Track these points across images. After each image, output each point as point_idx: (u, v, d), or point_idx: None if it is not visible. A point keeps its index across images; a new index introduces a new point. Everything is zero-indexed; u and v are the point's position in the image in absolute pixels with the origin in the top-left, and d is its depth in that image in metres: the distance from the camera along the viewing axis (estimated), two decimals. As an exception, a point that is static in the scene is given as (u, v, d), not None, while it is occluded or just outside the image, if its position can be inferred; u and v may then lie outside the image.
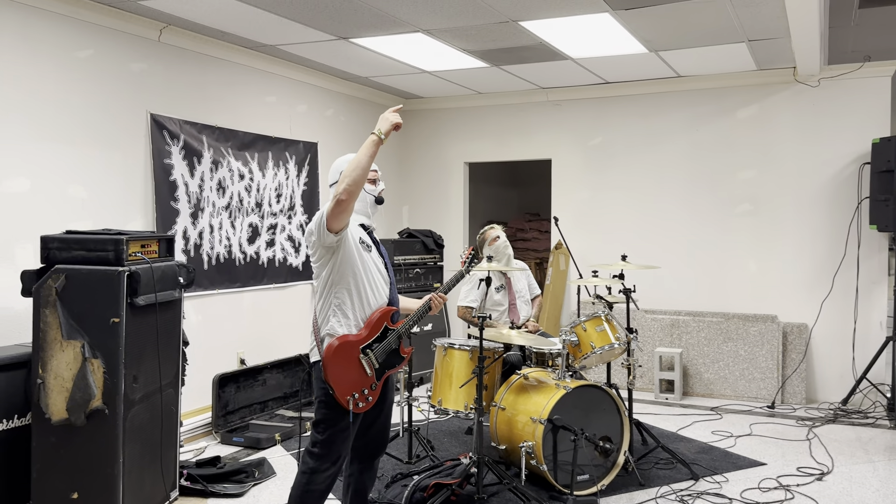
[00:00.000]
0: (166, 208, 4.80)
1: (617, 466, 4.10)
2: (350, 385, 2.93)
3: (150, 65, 4.75)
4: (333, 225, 2.84)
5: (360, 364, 2.97)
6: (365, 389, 2.98)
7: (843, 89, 6.05)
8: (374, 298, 3.04)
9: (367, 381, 2.99)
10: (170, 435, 3.71)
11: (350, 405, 2.91)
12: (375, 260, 3.09)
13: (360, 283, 2.99)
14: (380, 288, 3.08)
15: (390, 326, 3.08)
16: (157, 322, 3.50)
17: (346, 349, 2.94)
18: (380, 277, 3.09)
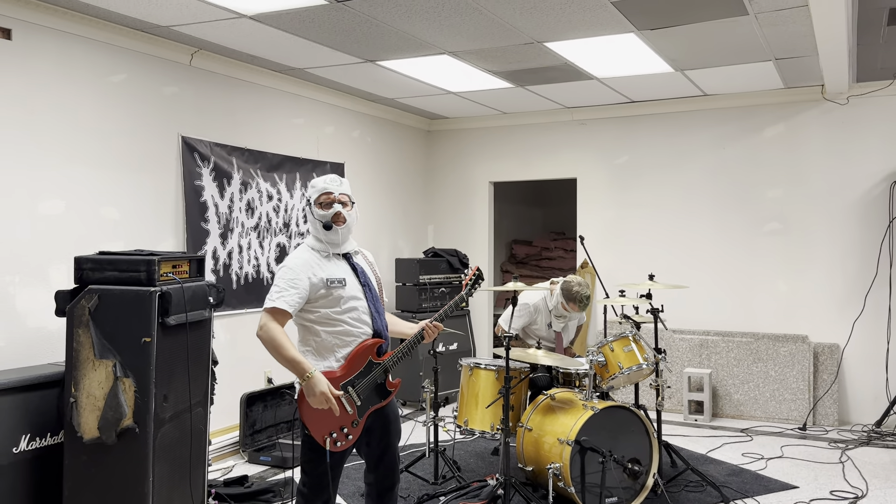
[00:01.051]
0: (196, 229, 4.88)
1: (646, 489, 4.05)
2: (327, 424, 2.83)
3: (182, 88, 4.85)
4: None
5: (338, 402, 2.84)
6: (344, 428, 2.86)
7: (872, 107, 5.99)
8: (353, 335, 2.93)
9: (347, 418, 2.88)
10: (198, 454, 3.73)
11: (327, 445, 2.81)
12: (352, 292, 2.96)
13: (333, 322, 2.90)
14: (360, 321, 2.96)
15: (375, 360, 2.96)
16: (188, 341, 3.54)
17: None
18: (360, 311, 2.96)
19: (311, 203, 3.00)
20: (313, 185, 3.04)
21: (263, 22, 4.27)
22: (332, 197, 3.00)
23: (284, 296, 2.84)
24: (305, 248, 3.00)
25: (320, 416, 2.83)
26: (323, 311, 2.91)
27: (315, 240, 3.02)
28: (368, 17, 4.19)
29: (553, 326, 4.88)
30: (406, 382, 6.54)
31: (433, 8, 4.03)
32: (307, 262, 2.92)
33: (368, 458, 3.09)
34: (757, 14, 4.17)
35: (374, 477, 3.10)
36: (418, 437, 5.36)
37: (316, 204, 2.99)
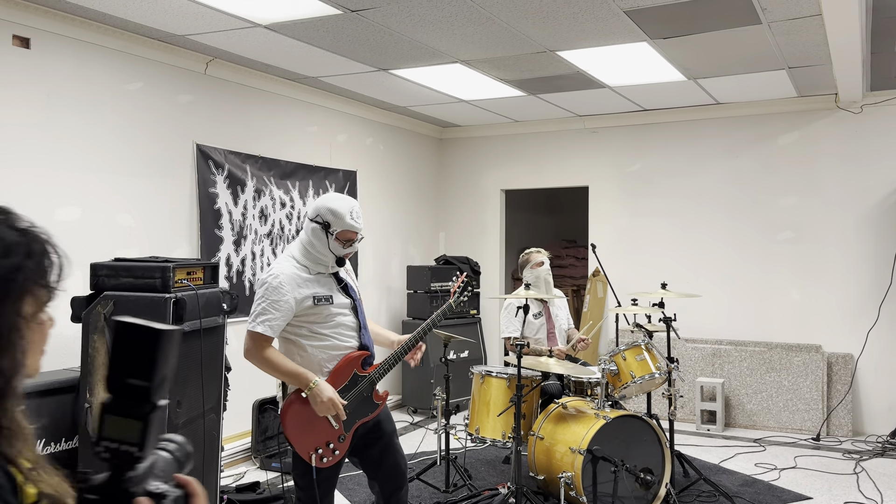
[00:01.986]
0: (210, 236, 4.91)
1: (658, 499, 4.03)
2: (312, 440, 2.79)
3: (197, 96, 4.90)
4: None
5: (323, 418, 2.79)
6: (331, 443, 2.81)
7: (886, 115, 5.96)
8: (340, 349, 2.89)
9: (333, 433, 2.82)
10: (211, 460, 3.75)
11: (313, 461, 2.76)
12: (339, 308, 2.90)
13: (320, 337, 2.87)
14: (346, 338, 2.92)
15: (360, 373, 2.91)
16: (202, 348, 3.56)
17: (303, 404, 2.79)
18: (346, 327, 2.92)
19: (328, 231, 2.81)
20: (335, 214, 2.81)
21: (278, 31, 4.31)
22: (356, 237, 2.90)
23: (267, 320, 2.79)
24: (291, 263, 2.86)
25: (304, 432, 2.78)
26: (309, 327, 2.86)
27: (305, 256, 2.88)
28: (382, 27, 4.22)
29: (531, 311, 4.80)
30: (417, 390, 6.55)
31: (446, 17, 4.06)
32: (292, 279, 2.81)
33: (368, 467, 3.03)
34: (770, 23, 4.17)
35: (379, 483, 3.03)
36: (430, 444, 5.36)
37: (335, 237, 2.82)
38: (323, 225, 2.83)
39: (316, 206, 2.89)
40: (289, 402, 2.83)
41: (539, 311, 4.92)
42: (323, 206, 2.87)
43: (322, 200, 2.90)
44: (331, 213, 2.83)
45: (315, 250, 2.87)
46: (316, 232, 2.85)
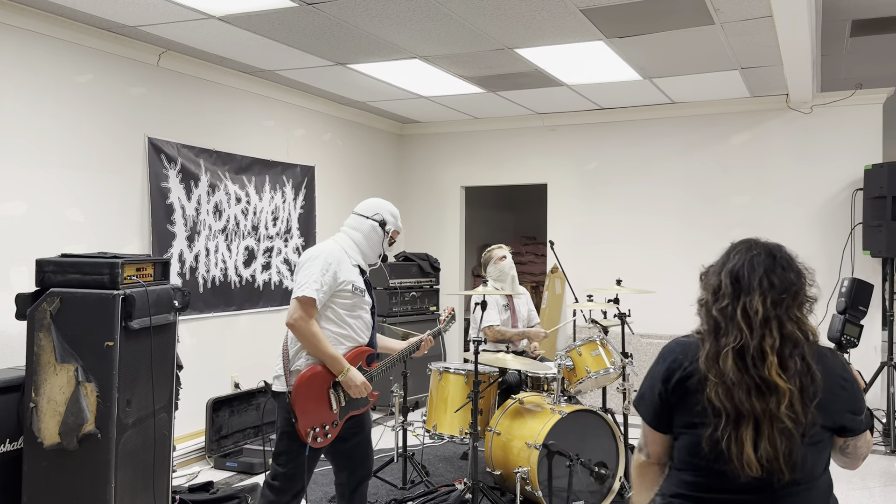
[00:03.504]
0: (163, 231, 4.82)
1: (612, 492, 4.08)
2: (314, 417, 2.93)
3: (149, 89, 4.79)
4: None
5: (327, 398, 2.96)
6: (327, 425, 2.96)
7: (835, 116, 6.12)
8: (352, 339, 3.05)
9: (330, 416, 2.98)
10: (163, 460, 3.68)
11: (309, 438, 2.90)
12: (365, 305, 3.10)
13: (343, 326, 3.01)
14: (361, 332, 3.09)
15: (365, 368, 3.08)
16: (152, 345, 3.49)
17: (318, 380, 2.94)
18: (364, 322, 3.10)
19: (385, 229, 3.13)
20: (394, 215, 3.19)
21: (232, 23, 4.24)
22: (398, 236, 3.24)
23: (318, 288, 2.89)
24: (339, 248, 3.06)
25: (310, 408, 2.91)
26: (338, 311, 2.99)
27: (354, 247, 3.10)
28: (338, 21, 4.18)
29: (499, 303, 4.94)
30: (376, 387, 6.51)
31: (403, 12, 4.04)
32: (340, 261, 2.99)
33: (339, 458, 3.13)
34: (723, 24, 4.24)
35: (348, 473, 3.14)
36: (388, 442, 5.34)
37: (387, 235, 3.15)
38: (381, 223, 3.13)
39: (373, 206, 3.17)
40: (304, 378, 2.91)
41: (505, 304, 4.96)
42: (381, 206, 3.19)
43: (377, 202, 3.21)
44: (390, 213, 3.19)
45: (368, 247, 3.12)
46: (375, 229, 3.13)
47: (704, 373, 1.65)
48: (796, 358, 1.61)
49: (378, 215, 3.14)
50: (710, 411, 1.63)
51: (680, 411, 1.72)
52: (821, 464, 1.67)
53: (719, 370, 1.62)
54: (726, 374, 1.61)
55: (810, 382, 1.60)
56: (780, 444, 1.58)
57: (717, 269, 1.85)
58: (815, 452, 1.65)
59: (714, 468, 1.64)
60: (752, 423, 1.59)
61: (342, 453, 3.13)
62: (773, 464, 1.59)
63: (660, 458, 1.80)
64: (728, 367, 1.61)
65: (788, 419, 1.58)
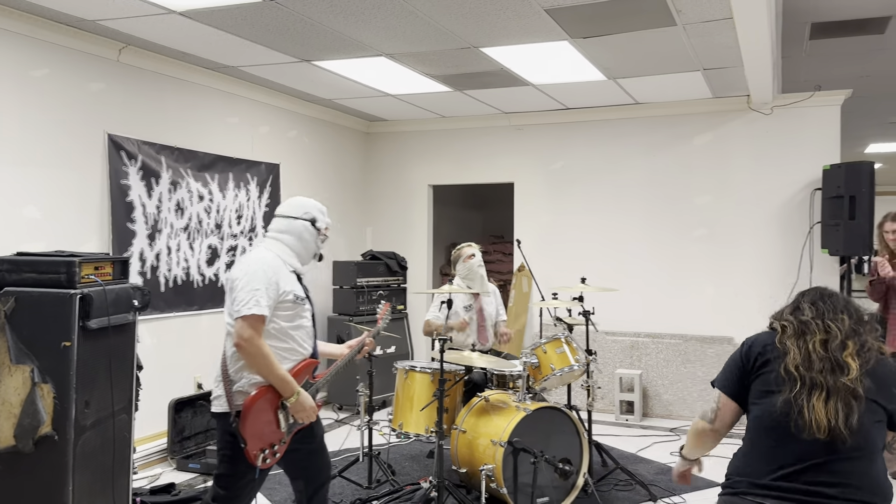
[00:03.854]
0: (122, 230, 4.73)
1: (576, 488, 4.11)
2: (263, 439, 2.79)
3: (109, 84, 4.70)
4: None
5: (274, 419, 2.82)
6: (275, 445, 2.84)
7: (795, 117, 6.24)
8: (295, 352, 2.90)
9: (277, 436, 2.85)
10: (122, 461, 3.61)
11: (259, 461, 2.77)
12: (306, 313, 2.95)
13: (286, 340, 2.86)
14: (305, 343, 2.95)
15: (311, 381, 2.96)
16: (110, 346, 3.43)
17: (267, 402, 2.79)
18: (306, 332, 2.95)
19: (316, 227, 3.01)
20: (322, 211, 3.06)
21: (194, 18, 4.18)
22: (328, 232, 3.11)
23: (265, 302, 2.73)
24: (274, 256, 2.88)
25: (259, 432, 2.77)
26: (281, 325, 2.83)
27: (288, 251, 2.94)
28: (302, 17, 4.14)
29: (463, 303, 4.92)
30: (343, 387, 6.49)
31: (368, 9, 4.02)
32: (278, 270, 2.83)
33: (293, 468, 3.03)
34: (685, 25, 4.29)
35: (304, 481, 3.04)
36: (354, 441, 5.32)
37: (320, 233, 3.02)
38: (312, 221, 3.00)
39: (300, 205, 3.02)
40: (252, 400, 2.76)
41: (469, 304, 4.95)
42: (308, 204, 3.05)
43: (303, 200, 3.06)
44: (318, 210, 3.06)
45: (302, 248, 2.98)
46: (307, 229, 2.99)
47: (784, 350, 2.11)
48: (867, 354, 2.08)
49: (308, 214, 2.99)
50: (786, 380, 2.06)
51: (756, 382, 2.14)
52: (880, 439, 2.06)
53: (804, 349, 2.09)
54: (811, 351, 2.08)
55: (875, 373, 2.06)
56: (844, 411, 1.99)
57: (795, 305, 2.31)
58: (876, 428, 2.05)
59: (782, 430, 2.04)
60: (824, 392, 2.01)
61: (295, 464, 3.03)
62: (837, 426, 1.98)
63: (725, 426, 2.23)
64: (813, 348, 2.08)
65: (852, 394, 2.01)
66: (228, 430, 2.76)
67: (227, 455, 2.82)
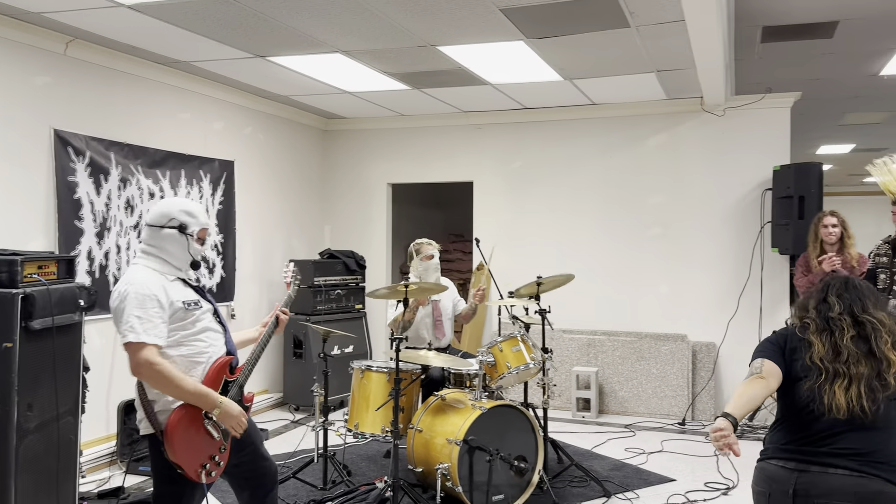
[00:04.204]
0: (70, 228, 4.61)
1: (532, 486, 4.14)
2: (198, 456, 2.66)
3: (55, 79, 4.58)
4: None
5: (205, 431, 2.68)
6: (215, 455, 2.72)
7: (746, 119, 6.36)
8: (207, 354, 2.77)
9: (215, 445, 2.72)
10: (68, 465, 3.52)
11: (202, 477, 2.65)
12: (204, 314, 2.80)
13: (192, 346, 2.73)
14: (213, 341, 2.81)
15: (229, 378, 2.81)
16: (55, 347, 3.34)
17: (190, 419, 2.64)
18: (213, 331, 2.82)
19: (187, 233, 2.77)
20: (192, 214, 2.80)
21: (143, 12, 4.09)
22: (206, 233, 2.91)
23: (150, 328, 2.58)
24: (149, 271, 2.71)
25: (191, 450, 2.65)
26: (179, 335, 2.70)
27: (161, 262, 2.75)
28: (255, 11, 4.08)
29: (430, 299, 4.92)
30: (299, 387, 6.43)
31: (322, 5, 3.98)
32: (159, 286, 2.67)
33: (239, 476, 2.93)
34: (638, 27, 4.34)
35: (250, 489, 2.96)
36: (309, 442, 5.27)
37: (196, 237, 2.81)
38: (179, 228, 2.76)
39: (163, 212, 2.78)
40: (174, 423, 2.62)
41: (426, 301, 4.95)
42: (172, 209, 2.79)
43: (166, 205, 2.82)
44: (186, 213, 2.80)
45: (174, 258, 2.77)
46: (172, 237, 2.76)
47: (808, 343, 2.39)
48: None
49: (173, 221, 2.75)
50: (811, 368, 2.35)
51: (793, 368, 2.40)
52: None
53: (831, 342, 2.35)
54: (841, 346, 2.34)
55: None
56: (867, 395, 2.26)
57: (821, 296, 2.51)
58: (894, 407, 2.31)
59: (808, 412, 2.33)
60: (846, 380, 2.29)
61: (238, 476, 2.93)
62: (856, 409, 2.26)
63: (772, 378, 2.39)
64: (843, 342, 2.34)
65: (882, 383, 2.28)
66: (159, 451, 2.65)
67: (161, 475, 2.70)
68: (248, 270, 6.42)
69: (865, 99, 7.01)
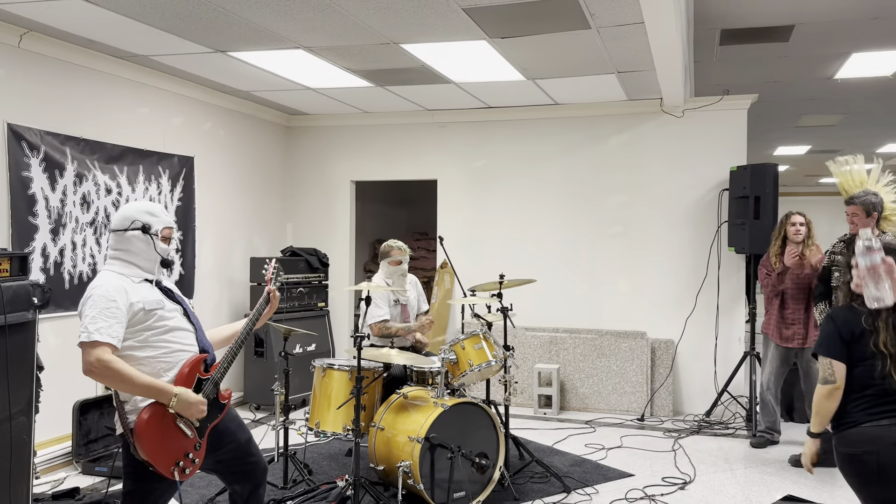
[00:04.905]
0: (23, 224, 4.50)
1: (493, 482, 4.17)
2: (172, 454, 2.66)
3: (9, 71, 4.46)
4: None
5: (177, 429, 2.69)
6: (189, 453, 2.72)
7: (705, 120, 6.48)
8: (178, 353, 2.77)
9: (189, 443, 2.72)
10: (21, 466, 3.44)
11: (176, 475, 2.65)
12: (170, 313, 2.80)
13: (161, 347, 2.73)
14: (183, 340, 2.81)
15: (203, 376, 2.81)
16: (7, 345, 3.26)
17: (159, 417, 2.64)
18: (180, 329, 2.82)
19: (150, 233, 2.80)
20: (154, 214, 2.84)
21: (99, 4, 4.01)
22: (172, 232, 2.93)
23: (104, 328, 2.58)
24: (113, 275, 2.74)
25: (163, 448, 2.64)
26: (144, 335, 2.70)
27: (125, 265, 2.78)
28: (214, 6, 4.03)
29: (400, 300, 5.03)
30: (260, 386, 6.37)
31: (283, 0, 3.94)
32: (118, 287, 2.68)
33: (225, 471, 2.95)
34: (598, 28, 4.39)
35: (239, 486, 2.97)
36: (270, 441, 5.23)
37: (160, 237, 2.84)
38: (142, 229, 2.80)
39: (125, 216, 2.82)
40: (143, 423, 2.61)
41: (397, 299, 5.00)
42: (132, 211, 2.84)
43: (127, 209, 2.86)
44: (148, 213, 2.85)
45: (141, 258, 2.80)
46: (138, 238, 2.80)
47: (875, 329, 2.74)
48: None
49: (135, 223, 2.79)
50: (877, 354, 2.73)
51: (855, 351, 2.77)
52: None
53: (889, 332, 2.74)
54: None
55: None
56: None
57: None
58: None
59: (877, 386, 2.74)
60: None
61: (221, 471, 2.95)
62: None
63: (842, 381, 2.77)
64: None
65: None
66: (130, 450, 2.65)
67: (131, 472, 2.70)
68: (208, 268, 6.34)
69: (821, 101, 7.21)
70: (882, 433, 2.71)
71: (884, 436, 2.70)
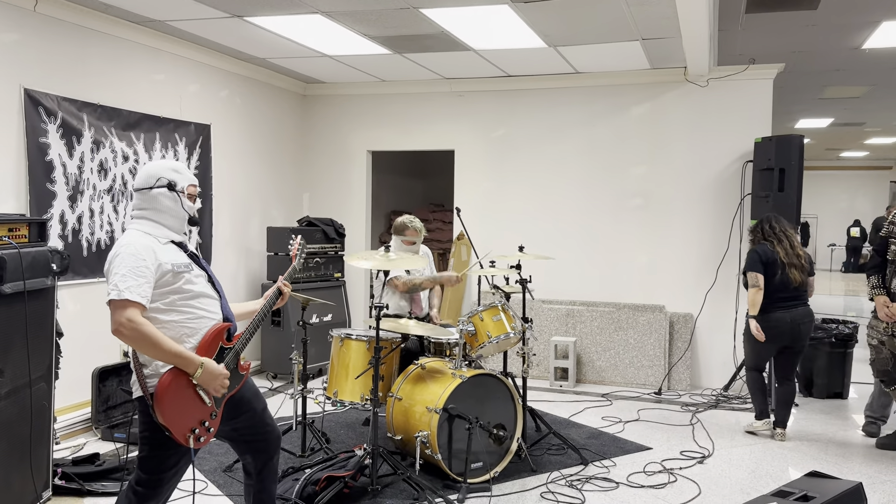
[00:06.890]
0: (41, 190, 4.49)
1: (510, 453, 4.16)
2: (188, 421, 2.63)
3: (25, 36, 4.42)
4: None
5: (196, 395, 2.65)
6: (205, 421, 2.69)
7: (729, 90, 6.34)
8: (203, 320, 2.74)
9: (206, 411, 2.69)
10: (41, 431, 3.47)
11: (191, 442, 2.63)
12: (197, 278, 2.75)
13: (182, 310, 2.68)
14: (208, 307, 2.77)
15: (226, 346, 2.78)
16: (27, 311, 3.26)
17: (180, 383, 2.60)
18: (205, 296, 2.77)
19: (176, 190, 2.75)
20: (178, 171, 2.79)
21: (116, -34, 3.94)
22: (196, 190, 2.87)
23: (134, 287, 2.53)
24: (140, 234, 2.67)
25: (181, 414, 2.61)
26: (170, 298, 2.66)
27: (154, 224, 2.72)
28: (234, -30, 3.95)
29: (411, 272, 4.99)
30: (277, 355, 6.39)
31: (303, -36, 3.86)
32: (146, 247, 2.63)
33: (239, 440, 2.94)
34: (625, -7, 4.27)
35: (252, 455, 2.97)
36: (288, 410, 5.25)
37: (186, 194, 2.78)
38: (169, 186, 2.75)
39: (150, 174, 2.76)
40: (164, 386, 2.58)
41: (407, 270, 4.95)
42: (157, 168, 2.78)
43: (151, 167, 2.80)
44: (173, 171, 2.79)
45: (169, 217, 2.75)
46: (163, 196, 2.74)
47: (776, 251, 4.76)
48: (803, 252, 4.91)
49: (161, 180, 2.74)
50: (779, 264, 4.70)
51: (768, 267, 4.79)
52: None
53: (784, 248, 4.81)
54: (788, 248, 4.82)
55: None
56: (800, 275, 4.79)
57: None
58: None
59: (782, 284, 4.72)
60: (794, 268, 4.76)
61: (235, 439, 2.94)
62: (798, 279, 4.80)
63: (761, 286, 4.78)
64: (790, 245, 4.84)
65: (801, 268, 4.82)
66: (148, 413, 2.63)
67: (148, 437, 2.67)
68: (226, 237, 6.33)
69: (847, 72, 7.03)
70: (784, 316, 4.74)
71: (785, 318, 4.74)
